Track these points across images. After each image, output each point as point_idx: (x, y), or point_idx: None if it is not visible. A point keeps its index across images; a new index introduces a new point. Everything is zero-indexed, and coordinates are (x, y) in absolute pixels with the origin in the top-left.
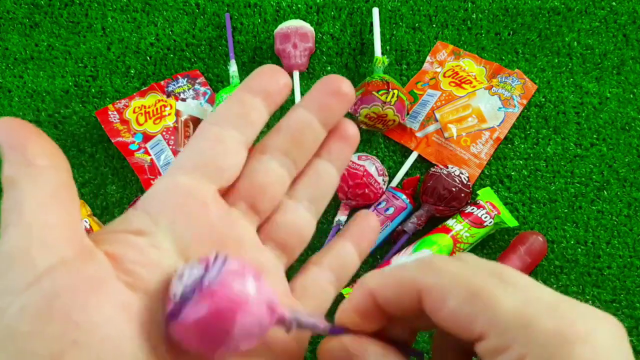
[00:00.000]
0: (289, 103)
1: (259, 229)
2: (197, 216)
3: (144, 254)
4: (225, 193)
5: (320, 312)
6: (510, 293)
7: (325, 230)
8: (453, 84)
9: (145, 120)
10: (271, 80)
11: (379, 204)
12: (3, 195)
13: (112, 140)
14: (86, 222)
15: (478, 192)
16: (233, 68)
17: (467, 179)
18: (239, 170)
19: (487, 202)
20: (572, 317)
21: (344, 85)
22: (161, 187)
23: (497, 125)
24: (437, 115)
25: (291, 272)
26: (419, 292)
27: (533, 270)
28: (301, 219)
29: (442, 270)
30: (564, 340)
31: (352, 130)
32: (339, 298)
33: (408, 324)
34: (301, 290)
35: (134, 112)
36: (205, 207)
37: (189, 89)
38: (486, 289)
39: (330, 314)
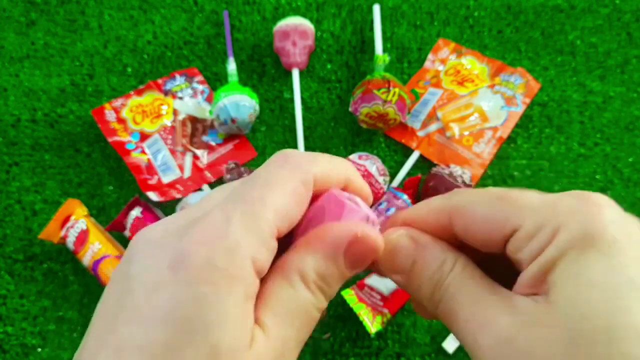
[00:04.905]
0: (288, 103)
1: None
2: None
3: None
4: None
5: None
6: (531, 193)
7: None
8: (455, 83)
9: (143, 119)
10: None
11: (380, 204)
12: None
13: (108, 140)
14: (83, 222)
15: None
16: (231, 66)
17: (469, 179)
18: None
19: None
20: (593, 195)
21: None
22: None
23: (500, 125)
24: (439, 114)
25: None
26: (448, 215)
27: None
28: None
29: (467, 192)
30: (592, 205)
31: None
32: (339, 298)
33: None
34: None
35: (130, 111)
36: None
37: (186, 87)
38: (509, 192)
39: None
